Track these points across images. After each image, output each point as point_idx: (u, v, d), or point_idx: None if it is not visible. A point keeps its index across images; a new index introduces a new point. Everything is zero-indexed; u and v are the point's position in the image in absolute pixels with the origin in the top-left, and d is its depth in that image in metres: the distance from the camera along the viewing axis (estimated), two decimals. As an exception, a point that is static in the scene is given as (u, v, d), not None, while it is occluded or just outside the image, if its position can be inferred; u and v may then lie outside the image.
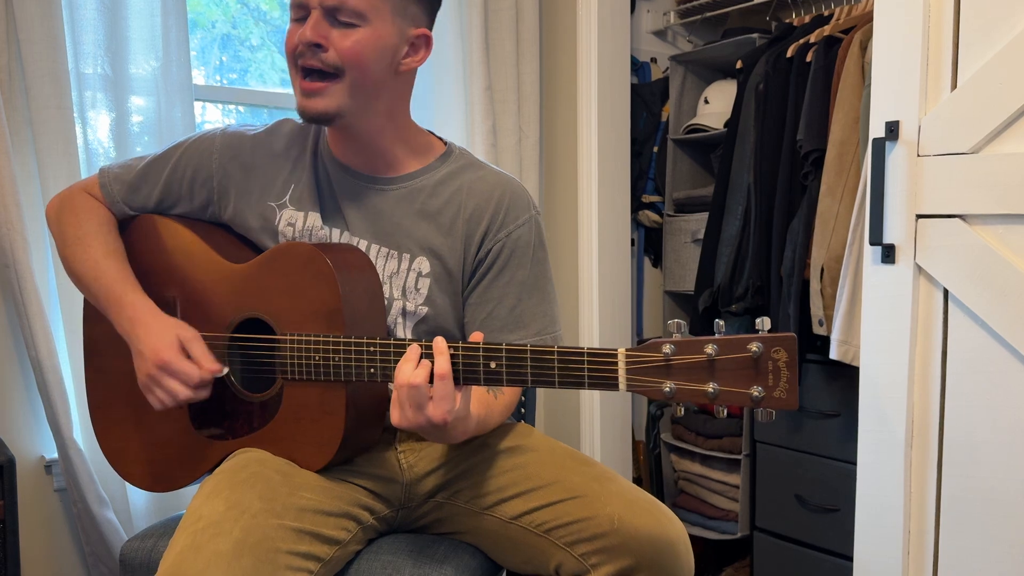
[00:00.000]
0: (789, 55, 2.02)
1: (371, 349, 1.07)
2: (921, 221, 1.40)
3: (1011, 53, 1.30)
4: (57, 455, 1.67)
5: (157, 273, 1.25)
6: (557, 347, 0.97)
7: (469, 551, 1.20)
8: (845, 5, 2.10)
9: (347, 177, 1.24)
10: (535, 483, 1.15)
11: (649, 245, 2.68)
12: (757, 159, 2.05)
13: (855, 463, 1.52)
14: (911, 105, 1.40)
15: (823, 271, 1.86)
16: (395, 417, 1.00)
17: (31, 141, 1.62)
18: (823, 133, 1.90)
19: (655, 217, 2.61)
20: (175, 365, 1.12)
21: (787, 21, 2.28)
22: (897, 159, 1.42)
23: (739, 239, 2.13)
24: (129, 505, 1.74)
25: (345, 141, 1.23)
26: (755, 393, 0.90)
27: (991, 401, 1.35)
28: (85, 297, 1.28)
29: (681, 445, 2.47)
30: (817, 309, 1.88)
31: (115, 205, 1.29)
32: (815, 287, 1.88)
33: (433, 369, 0.98)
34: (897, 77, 1.41)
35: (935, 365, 1.41)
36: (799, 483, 2.07)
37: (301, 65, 1.13)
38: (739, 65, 2.20)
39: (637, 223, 2.64)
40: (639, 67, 2.64)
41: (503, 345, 0.99)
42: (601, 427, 2.35)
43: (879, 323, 1.47)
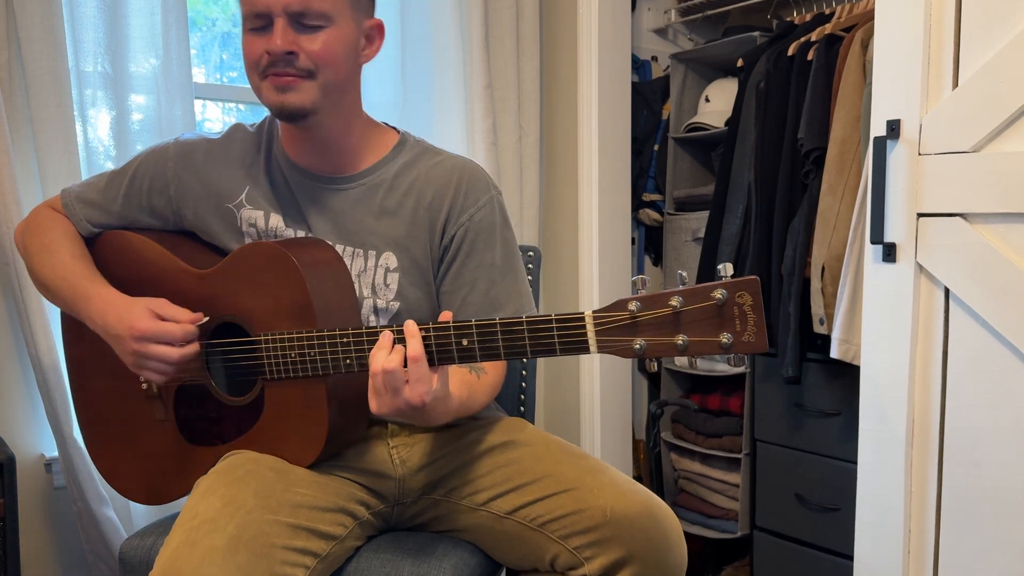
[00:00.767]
0: (790, 53, 2.02)
1: (345, 340, 1.07)
2: (922, 220, 1.40)
3: (1012, 52, 1.29)
4: (57, 453, 1.67)
5: (127, 287, 1.25)
6: (526, 316, 0.98)
7: (468, 549, 1.20)
8: (846, 3, 2.10)
9: (305, 180, 1.24)
10: (529, 477, 1.15)
11: (650, 244, 2.68)
12: (758, 158, 2.05)
13: (855, 462, 1.52)
14: (912, 104, 1.40)
15: (824, 270, 1.86)
16: (374, 405, 1.01)
17: (31, 139, 1.62)
18: (824, 132, 1.90)
19: (656, 216, 2.61)
20: (153, 330, 1.12)
21: (788, 19, 2.27)
22: (898, 158, 1.42)
23: (740, 238, 2.13)
24: (129, 503, 1.74)
25: (303, 143, 1.23)
26: (724, 340, 0.90)
27: (992, 400, 1.35)
28: (56, 306, 1.28)
29: (681, 444, 2.47)
30: (818, 308, 1.88)
31: (80, 224, 1.30)
32: (816, 286, 1.88)
33: (406, 352, 0.99)
34: (898, 75, 1.41)
35: (936, 364, 1.41)
36: (799, 482, 2.07)
37: (271, 74, 1.13)
38: (740, 63, 2.20)
39: (638, 222, 2.64)
40: (640, 65, 2.64)
41: (472, 321, 0.99)
42: (601, 426, 2.35)
43: (880, 322, 1.47)
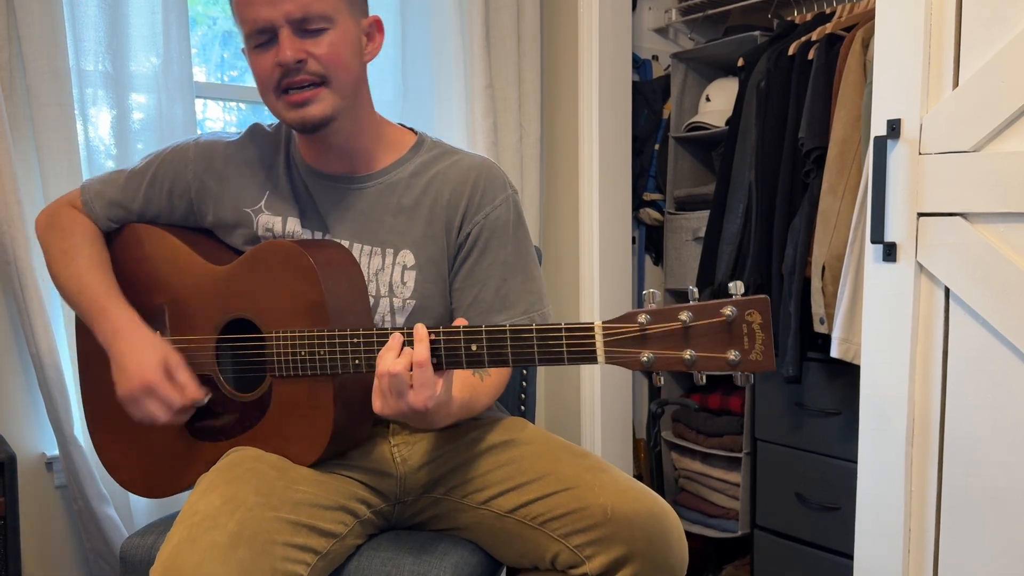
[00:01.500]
0: (791, 53, 2.02)
1: (355, 340, 1.07)
2: (922, 219, 1.40)
3: (1012, 51, 1.29)
4: (58, 452, 1.67)
5: (145, 281, 1.26)
6: (535, 325, 0.98)
7: (469, 547, 1.20)
8: (847, 3, 2.10)
9: (322, 181, 1.25)
10: (529, 476, 1.15)
11: (650, 243, 2.68)
12: (758, 157, 2.05)
13: (856, 461, 1.52)
14: (913, 103, 1.40)
15: (824, 269, 1.86)
16: (377, 406, 1.01)
17: (32, 138, 1.62)
18: (824, 131, 1.90)
19: (656, 215, 2.61)
20: (160, 391, 1.13)
21: (789, 19, 2.27)
22: (898, 157, 1.42)
23: (740, 237, 2.13)
24: (130, 502, 1.74)
25: (319, 146, 1.23)
26: (732, 357, 0.90)
27: (992, 399, 1.35)
28: (73, 310, 1.28)
29: (682, 443, 2.47)
30: (818, 307, 1.88)
31: (99, 220, 1.31)
32: (816, 285, 1.88)
33: (413, 357, 0.99)
34: (899, 75, 1.41)
35: (936, 363, 1.41)
36: (800, 481, 2.07)
37: (286, 85, 1.13)
38: (741, 63, 2.20)
39: (638, 221, 2.64)
40: (640, 64, 2.63)
41: (483, 327, 1.00)
42: (602, 425, 2.35)
43: (880, 321, 1.47)
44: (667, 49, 2.67)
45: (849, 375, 1.85)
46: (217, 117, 2.10)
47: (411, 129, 1.32)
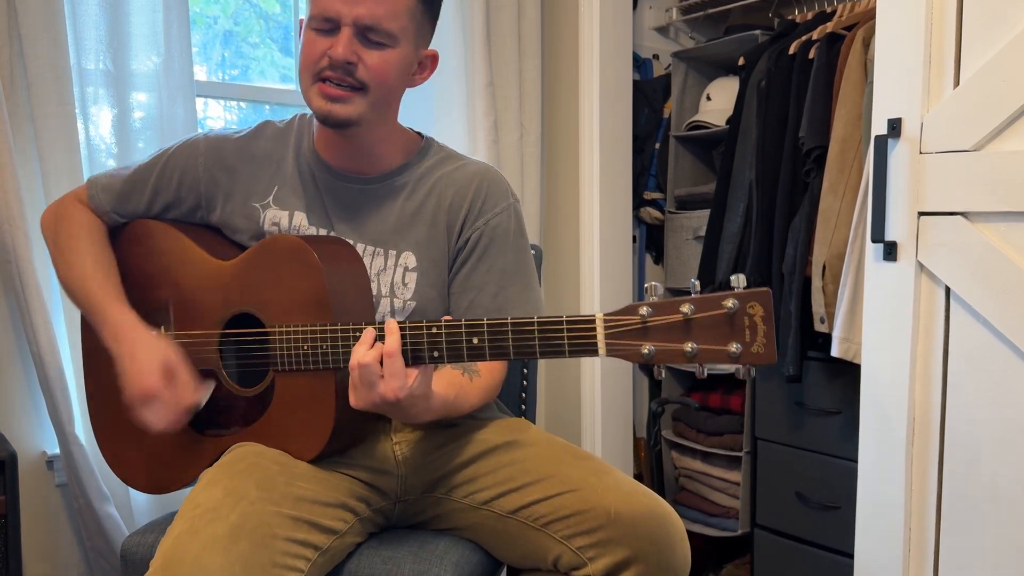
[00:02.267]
0: (791, 52, 2.02)
1: (357, 335, 1.07)
2: (923, 219, 1.40)
3: (1013, 51, 1.29)
4: (59, 450, 1.67)
5: (150, 276, 1.27)
6: (537, 318, 0.98)
7: (469, 547, 1.20)
8: (847, 2, 2.10)
9: (332, 178, 1.26)
10: (532, 477, 1.15)
11: (651, 242, 2.68)
12: (759, 156, 2.05)
13: (856, 461, 1.53)
14: (913, 102, 1.40)
15: (825, 268, 1.86)
16: (352, 398, 1.03)
17: (33, 137, 1.62)
18: (825, 130, 1.90)
19: (656, 214, 2.61)
20: (162, 398, 1.13)
21: (789, 18, 2.27)
22: (899, 156, 1.42)
23: (740, 236, 2.13)
24: (130, 500, 1.74)
25: (338, 144, 1.24)
26: (733, 349, 0.90)
27: (992, 399, 1.35)
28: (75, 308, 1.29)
29: (682, 442, 2.47)
30: (818, 306, 1.88)
31: (105, 215, 1.31)
32: (816, 284, 1.88)
33: (383, 348, 1.01)
34: (899, 74, 1.41)
35: (936, 363, 1.41)
36: (800, 480, 2.07)
37: (327, 76, 1.14)
38: (741, 62, 2.20)
39: (638, 220, 2.64)
40: (641, 64, 2.63)
41: (484, 320, 1.01)
42: (602, 424, 2.35)
43: (880, 320, 1.47)
44: (668, 48, 2.67)
45: (849, 374, 1.85)
46: (218, 116, 2.10)
47: (418, 133, 1.33)
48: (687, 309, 0.91)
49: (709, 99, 2.46)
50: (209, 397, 1.21)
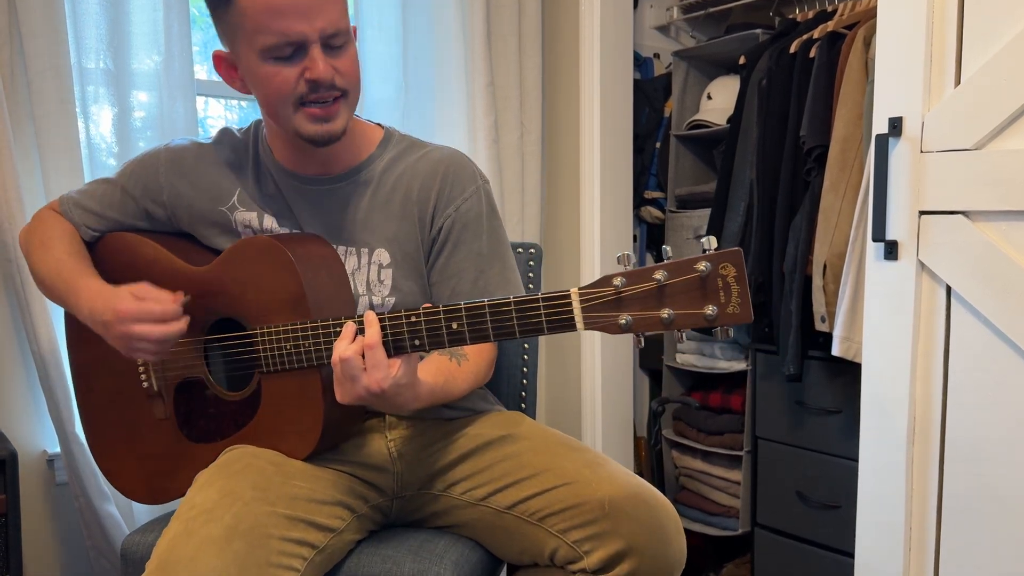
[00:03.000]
0: (792, 51, 2.02)
1: (338, 330, 1.08)
2: (924, 218, 1.40)
3: (1014, 50, 1.29)
4: (59, 449, 1.67)
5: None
6: (513, 297, 0.98)
7: (469, 545, 1.20)
8: (848, 1, 2.10)
9: (293, 182, 1.25)
10: (527, 472, 1.15)
11: (651, 241, 2.68)
12: (760, 155, 2.05)
13: (857, 460, 1.52)
14: (914, 101, 1.40)
15: (825, 267, 1.86)
16: (337, 393, 1.03)
17: (33, 136, 1.62)
18: (826, 129, 1.90)
19: (657, 213, 2.60)
20: (135, 309, 1.12)
21: (790, 17, 2.27)
22: (900, 155, 1.42)
23: (741, 235, 2.13)
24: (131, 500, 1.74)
25: (291, 147, 1.23)
26: (709, 312, 0.90)
27: (993, 398, 1.35)
28: (52, 302, 1.29)
29: (682, 441, 2.47)
30: (819, 306, 1.88)
31: (79, 228, 1.32)
32: (817, 283, 1.88)
33: (364, 341, 1.01)
34: (900, 73, 1.41)
35: (937, 362, 1.41)
36: (800, 480, 2.07)
37: (311, 100, 1.12)
38: (742, 61, 2.20)
39: (639, 219, 2.64)
40: (642, 63, 2.63)
41: (462, 304, 1.01)
42: (603, 424, 2.35)
43: (881, 320, 1.47)
44: (668, 47, 2.67)
45: (850, 373, 1.85)
46: (218, 115, 2.10)
47: (377, 124, 1.31)
48: (660, 276, 0.91)
49: (710, 98, 2.46)
50: (198, 403, 1.21)
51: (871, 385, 1.50)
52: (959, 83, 1.36)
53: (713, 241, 0.91)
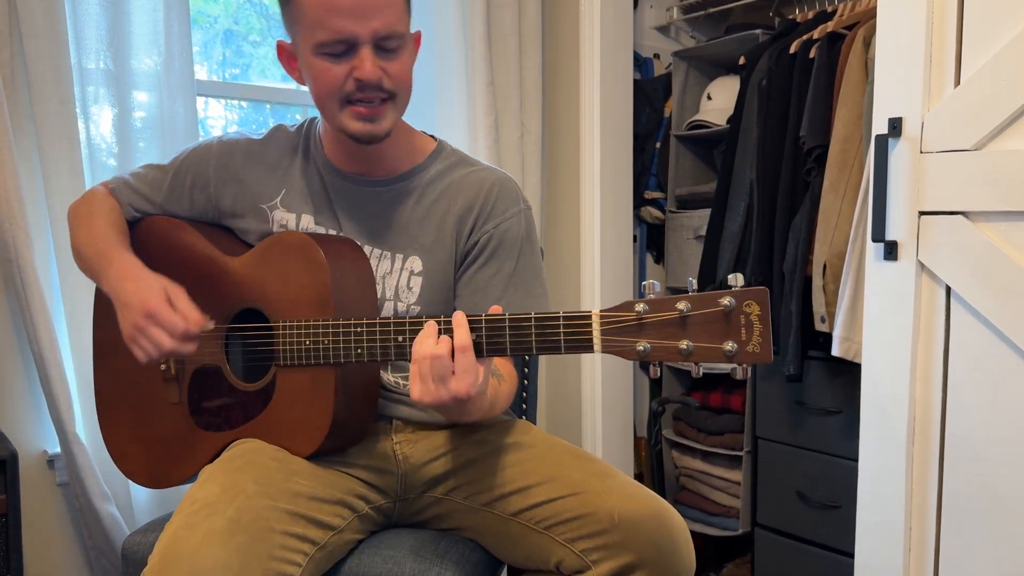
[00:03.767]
0: (792, 51, 2.02)
1: (359, 330, 1.08)
2: (924, 218, 1.40)
3: (1014, 50, 1.29)
4: (60, 449, 1.67)
5: (161, 270, 1.27)
6: (534, 314, 0.98)
7: (470, 546, 1.20)
8: (848, 1, 2.10)
9: (342, 181, 1.26)
10: (534, 479, 1.15)
11: (651, 242, 2.68)
12: (760, 155, 2.05)
13: (857, 460, 1.52)
14: (914, 102, 1.40)
15: (825, 268, 1.86)
16: (416, 392, 0.98)
17: (34, 136, 1.62)
18: (826, 129, 1.90)
19: (657, 214, 2.61)
20: (162, 315, 1.11)
21: (790, 17, 2.27)
22: (900, 156, 1.42)
23: (741, 236, 2.13)
24: (131, 499, 1.74)
25: (350, 149, 1.24)
26: (728, 348, 0.90)
27: (993, 398, 1.35)
28: (86, 276, 1.29)
29: (683, 441, 2.47)
30: (819, 306, 1.88)
31: (124, 208, 1.33)
32: (817, 284, 1.88)
33: (454, 342, 0.97)
34: (900, 74, 1.41)
35: (937, 362, 1.41)
36: (800, 480, 2.07)
37: (358, 99, 1.13)
38: (742, 61, 2.20)
39: (639, 219, 2.64)
40: (642, 63, 2.63)
41: (482, 316, 1.00)
42: (603, 423, 2.35)
43: (881, 320, 1.47)
44: (668, 47, 2.67)
45: (850, 374, 1.85)
46: (219, 115, 2.10)
47: (432, 136, 1.33)
48: (683, 306, 0.91)
49: (710, 98, 2.46)
50: (213, 390, 1.21)
51: (871, 385, 1.50)
52: (959, 83, 1.36)
53: (740, 278, 0.91)
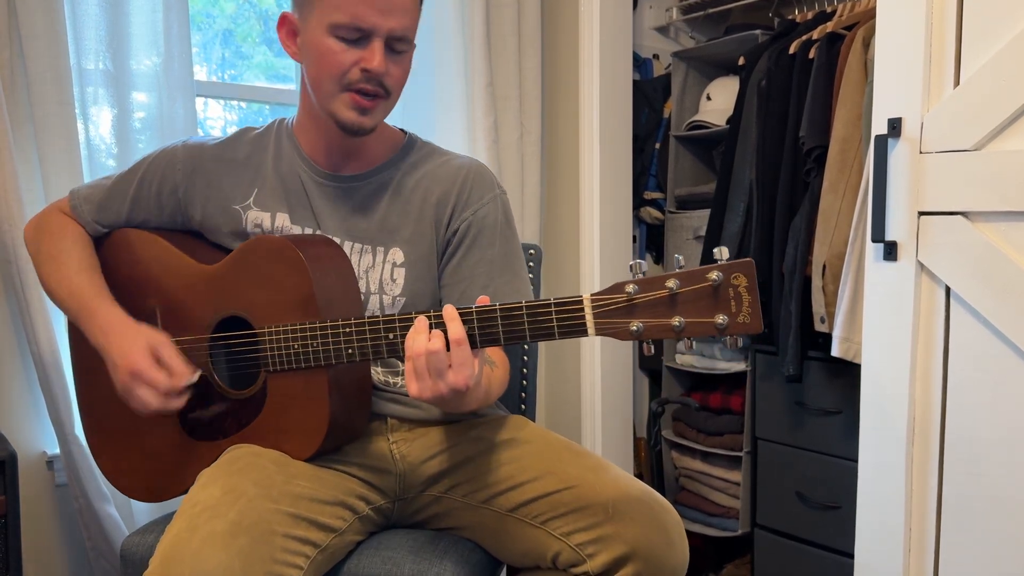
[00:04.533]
0: (792, 52, 2.02)
1: (347, 331, 1.08)
2: (923, 218, 1.40)
3: (1013, 50, 1.29)
4: (59, 450, 1.67)
5: (135, 285, 1.27)
6: (525, 302, 0.98)
7: (469, 546, 1.20)
8: (848, 2, 2.10)
9: (316, 177, 1.26)
10: (530, 475, 1.15)
11: (651, 242, 2.68)
12: (759, 156, 2.05)
13: (856, 460, 1.52)
14: (914, 102, 1.40)
15: (825, 268, 1.86)
16: (414, 389, 0.99)
17: (33, 137, 1.62)
18: (825, 130, 1.90)
19: (657, 214, 2.61)
20: (146, 374, 1.13)
21: (789, 18, 2.27)
22: (899, 156, 1.42)
23: (741, 236, 2.13)
24: (130, 500, 1.74)
25: (329, 144, 1.24)
26: (719, 321, 0.91)
27: (993, 399, 1.35)
28: (64, 314, 1.29)
29: (682, 442, 2.47)
30: (819, 306, 1.88)
31: (87, 225, 1.32)
32: (817, 284, 1.88)
33: (447, 336, 0.98)
34: (900, 74, 1.41)
35: (937, 363, 1.41)
36: (800, 480, 2.07)
37: (359, 89, 1.14)
38: (741, 62, 2.20)
39: (639, 220, 2.64)
40: (641, 63, 2.63)
41: (473, 308, 1.00)
42: (602, 424, 2.35)
43: (881, 320, 1.47)
44: (668, 48, 2.67)
45: (850, 374, 1.85)
46: (218, 116, 2.10)
47: (401, 130, 1.33)
48: (672, 284, 0.92)
49: (709, 99, 2.46)
50: (202, 401, 1.21)
51: (871, 386, 1.50)
52: (958, 84, 1.36)
53: (725, 252, 0.92)
